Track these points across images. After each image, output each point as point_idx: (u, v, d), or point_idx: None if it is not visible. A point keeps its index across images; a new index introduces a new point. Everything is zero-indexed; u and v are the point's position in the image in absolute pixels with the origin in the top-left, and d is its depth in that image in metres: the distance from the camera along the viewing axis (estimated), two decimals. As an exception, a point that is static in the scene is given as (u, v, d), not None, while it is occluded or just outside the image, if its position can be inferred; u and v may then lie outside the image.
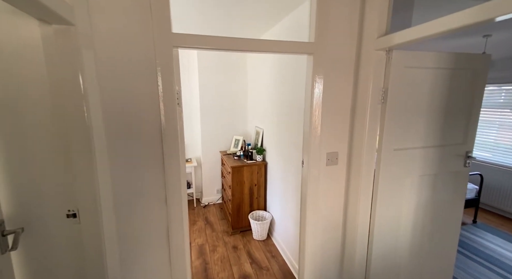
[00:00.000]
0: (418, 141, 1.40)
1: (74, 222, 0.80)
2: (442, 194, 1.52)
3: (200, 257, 2.38)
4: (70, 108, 0.76)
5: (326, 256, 1.50)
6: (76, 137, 0.77)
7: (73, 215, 0.80)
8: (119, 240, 0.99)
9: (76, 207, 0.79)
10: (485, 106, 3.39)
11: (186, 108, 3.54)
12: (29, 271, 0.79)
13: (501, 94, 3.28)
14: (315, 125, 1.36)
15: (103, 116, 0.92)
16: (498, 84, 3.26)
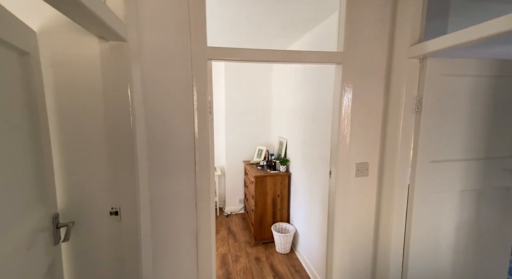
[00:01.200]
0: (458, 153, 1.30)
1: (115, 219, 0.87)
2: (488, 213, 1.37)
3: (223, 266, 2.37)
4: (119, 116, 0.85)
5: (355, 273, 1.42)
6: (122, 142, 0.85)
7: (115, 213, 0.86)
8: (153, 238, 1.04)
9: (119, 206, 0.86)
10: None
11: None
12: (76, 261, 0.86)
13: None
14: (343, 134, 1.34)
15: (145, 124, 1.00)
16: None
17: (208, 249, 1.19)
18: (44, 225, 0.70)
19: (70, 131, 0.83)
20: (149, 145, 1.02)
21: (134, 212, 0.87)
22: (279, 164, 2.95)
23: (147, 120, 1.01)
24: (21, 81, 0.62)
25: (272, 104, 3.61)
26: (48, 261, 0.69)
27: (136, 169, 0.87)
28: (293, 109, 2.80)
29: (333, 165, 1.41)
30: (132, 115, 0.87)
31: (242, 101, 3.51)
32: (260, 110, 3.59)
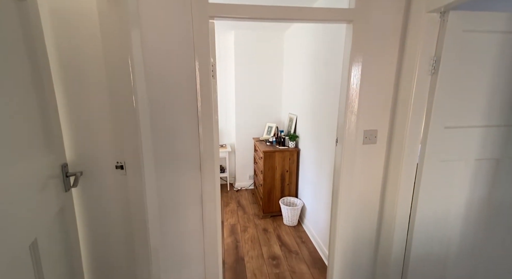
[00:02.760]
0: (476, 119, 1.21)
1: (121, 173, 0.91)
2: (505, 185, 1.30)
3: (231, 235, 2.47)
4: (119, 69, 0.85)
5: (359, 241, 1.43)
6: (123, 97, 0.87)
7: (120, 167, 0.91)
8: (159, 196, 1.09)
9: (123, 160, 0.90)
10: None
11: (222, 96, 3.66)
12: (87, 207, 0.93)
13: None
14: (352, 99, 1.28)
15: (147, 83, 1.00)
16: None
17: (213, 206, 1.23)
18: (54, 173, 0.75)
19: (72, 80, 0.85)
20: (151, 105, 1.03)
21: (138, 167, 0.90)
22: (288, 140, 2.93)
23: (148, 77, 1.01)
24: (20, 27, 0.63)
25: (282, 80, 3.52)
26: (59, 205, 0.75)
27: (138, 126, 0.90)
28: (303, 84, 2.71)
29: (340, 133, 1.38)
30: (132, 73, 0.87)
31: (253, 77, 3.45)
32: (270, 86, 3.52)
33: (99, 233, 0.98)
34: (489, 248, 1.35)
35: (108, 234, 0.99)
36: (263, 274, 1.93)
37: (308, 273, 1.94)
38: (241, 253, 2.19)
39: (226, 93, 3.64)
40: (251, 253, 2.18)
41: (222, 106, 3.68)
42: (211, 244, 1.27)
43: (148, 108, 1.01)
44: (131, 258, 1.00)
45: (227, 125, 3.74)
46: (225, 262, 2.06)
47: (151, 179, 1.01)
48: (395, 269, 1.34)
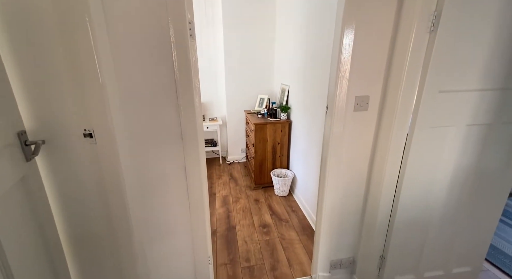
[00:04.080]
0: (472, 83, 1.15)
1: (91, 142, 0.85)
2: (493, 151, 1.29)
3: (223, 206, 2.52)
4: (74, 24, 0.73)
5: (346, 208, 1.44)
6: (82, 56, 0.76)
7: (89, 135, 0.84)
8: (137, 168, 1.04)
9: (91, 127, 0.82)
10: None
11: (211, 67, 3.47)
12: (57, 179, 0.88)
13: None
14: (344, 62, 1.19)
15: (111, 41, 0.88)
16: None
17: (198, 177, 1.20)
18: (8, 141, 0.68)
19: (19, 36, 0.74)
20: (117, 68, 0.92)
21: (110, 136, 0.84)
22: (280, 112, 2.86)
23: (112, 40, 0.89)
24: None
25: (275, 50, 3.32)
26: (19, 174, 0.69)
27: (104, 90, 0.80)
28: (296, 51, 2.55)
29: (330, 99, 1.31)
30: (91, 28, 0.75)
31: (243, 46, 3.23)
32: (262, 56, 3.33)
33: (74, 205, 0.94)
34: (469, 215, 1.39)
35: (84, 206, 0.95)
36: (253, 241, 1.99)
37: (297, 239, 2.02)
38: (233, 222, 2.24)
39: (216, 63, 3.45)
40: (243, 222, 2.24)
41: (211, 77, 3.51)
42: (198, 214, 1.26)
43: (113, 70, 0.90)
44: (112, 228, 0.98)
45: (218, 97, 3.61)
46: (217, 230, 2.12)
47: (125, 149, 0.95)
48: (380, 234, 1.39)
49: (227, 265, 1.74)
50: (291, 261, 1.78)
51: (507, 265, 1.73)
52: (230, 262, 1.77)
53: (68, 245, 0.96)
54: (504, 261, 1.76)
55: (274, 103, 3.08)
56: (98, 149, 0.85)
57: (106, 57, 0.86)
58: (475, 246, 1.46)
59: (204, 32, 3.30)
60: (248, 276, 1.65)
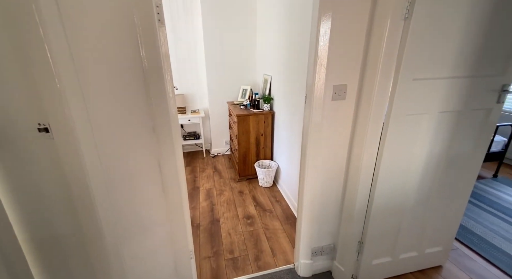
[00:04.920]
0: (444, 70, 1.18)
1: (47, 137, 0.77)
2: (463, 136, 1.34)
3: (207, 199, 2.49)
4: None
5: (326, 195, 1.47)
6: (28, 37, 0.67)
7: (45, 130, 0.77)
8: (105, 164, 0.98)
9: (47, 121, 0.75)
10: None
11: (191, 57, 3.34)
12: (9, 182, 0.81)
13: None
14: (321, 52, 1.17)
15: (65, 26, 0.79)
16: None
17: (174, 172, 1.15)
18: None
19: None
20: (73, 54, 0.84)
21: (68, 129, 0.77)
22: (263, 103, 2.82)
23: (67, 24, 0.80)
24: None
25: (257, 39, 3.24)
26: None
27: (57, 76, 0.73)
28: (277, 42, 2.50)
29: (309, 89, 1.29)
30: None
31: (224, 36, 3.12)
32: (244, 46, 3.24)
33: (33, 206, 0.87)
34: (441, 198, 1.46)
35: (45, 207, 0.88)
36: (237, 232, 2.00)
37: (281, 229, 2.04)
38: (217, 215, 2.23)
39: (196, 53, 3.32)
40: (227, 215, 2.23)
41: (192, 68, 3.38)
42: (176, 209, 1.22)
43: (70, 57, 0.82)
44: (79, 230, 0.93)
45: (199, 89, 3.50)
46: (201, 224, 2.10)
47: (89, 144, 0.88)
48: (358, 220, 1.42)
49: (210, 258, 1.73)
50: (274, 251, 1.80)
51: (475, 243, 1.85)
52: (213, 255, 1.76)
53: (30, 249, 0.89)
54: (472, 240, 1.89)
55: (257, 94, 3.04)
56: (57, 145, 0.78)
57: (59, 42, 0.78)
58: (446, 227, 1.55)
59: (181, 21, 3.14)
60: (232, 267, 1.65)
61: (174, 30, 3.16)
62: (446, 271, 1.62)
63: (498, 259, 1.70)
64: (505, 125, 2.73)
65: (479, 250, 1.78)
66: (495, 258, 1.71)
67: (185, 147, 3.74)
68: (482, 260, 1.70)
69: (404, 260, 1.56)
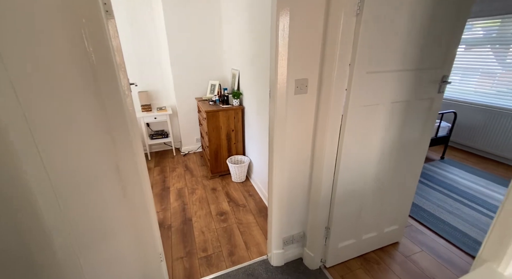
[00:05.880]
0: (393, 63, 1.28)
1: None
2: (412, 124, 1.48)
3: (178, 199, 2.42)
4: None
5: (293, 185, 1.52)
6: None
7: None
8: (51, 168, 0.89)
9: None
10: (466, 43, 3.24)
11: (154, 52, 3.17)
12: None
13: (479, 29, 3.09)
14: (281, 47, 1.19)
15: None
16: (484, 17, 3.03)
17: (137, 180, 1.10)
18: None
19: None
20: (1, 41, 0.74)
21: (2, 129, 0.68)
22: (232, 98, 2.80)
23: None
24: None
25: (223, 33, 3.17)
26: None
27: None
28: (242, 36, 2.48)
29: (272, 84, 1.31)
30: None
31: (188, 29, 3.00)
32: (210, 39, 3.15)
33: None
34: (395, 181, 1.60)
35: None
36: (211, 230, 1.98)
37: (254, 222, 2.08)
38: (189, 214, 2.18)
39: (159, 48, 3.15)
40: (199, 213, 2.20)
41: (155, 64, 3.21)
42: (141, 211, 1.17)
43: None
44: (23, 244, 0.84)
45: (165, 85, 3.35)
46: (172, 225, 2.04)
47: (28, 148, 0.80)
48: (324, 207, 1.50)
49: (183, 259, 1.70)
50: (248, 244, 1.83)
51: (426, 219, 2.08)
52: (186, 255, 1.73)
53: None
54: (424, 216, 2.11)
55: (226, 89, 3.00)
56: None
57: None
58: (401, 206, 1.71)
59: (140, 14, 2.95)
60: (206, 265, 1.64)
61: (132, 24, 2.95)
62: (402, 246, 1.79)
63: (444, 231, 1.93)
64: (449, 112, 3.08)
65: (429, 225, 2.00)
66: (442, 230, 1.94)
67: (153, 146, 3.57)
68: (431, 233, 1.92)
69: (366, 240, 1.70)
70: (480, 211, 2.16)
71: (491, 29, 3.05)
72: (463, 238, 1.86)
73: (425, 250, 1.76)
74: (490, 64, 3.08)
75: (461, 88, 3.40)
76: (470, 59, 3.27)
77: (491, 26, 3.05)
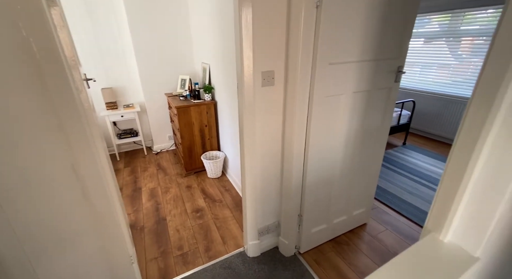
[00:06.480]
0: (354, 54, 1.33)
1: None
2: (373, 112, 1.57)
3: (151, 199, 2.34)
4: None
5: (266, 177, 1.54)
6: None
7: None
8: None
9: None
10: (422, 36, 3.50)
11: (118, 47, 2.97)
12: None
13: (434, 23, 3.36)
14: (247, 40, 1.18)
15: None
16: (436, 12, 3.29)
17: (99, 182, 1.03)
18: None
19: None
20: None
21: None
22: (203, 93, 2.74)
23: None
24: None
25: (190, 23, 3.06)
26: None
27: None
28: (211, 29, 2.41)
29: (239, 76, 1.30)
30: None
31: (153, 22, 2.85)
32: (178, 32, 3.02)
33: None
34: (360, 166, 1.70)
35: None
36: (186, 227, 1.95)
37: (231, 216, 2.08)
38: (163, 214, 2.12)
39: (123, 43, 2.95)
40: (174, 212, 2.15)
41: (119, 59, 3.01)
42: (105, 214, 1.11)
43: None
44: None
45: (131, 81, 3.16)
46: (145, 226, 1.97)
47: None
48: (296, 195, 1.55)
49: (157, 259, 1.65)
50: (225, 238, 1.83)
51: (390, 200, 2.25)
52: (161, 254, 1.69)
53: None
54: (388, 198, 2.28)
55: (197, 83, 2.92)
56: None
57: None
58: (367, 190, 1.83)
59: (101, 4, 2.73)
60: (182, 263, 1.62)
61: (91, 15, 2.73)
62: (369, 227, 1.93)
63: (405, 210, 2.11)
64: (408, 101, 3.32)
65: (393, 205, 2.17)
66: (403, 209, 2.12)
67: (122, 146, 3.39)
68: (394, 213, 2.09)
69: (337, 224, 1.79)
70: (435, 190, 2.38)
71: (444, 23, 3.32)
72: (421, 215, 2.05)
73: (389, 229, 1.90)
74: (446, 56, 3.36)
75: (422, 79, 3.67)
76: (429, 51, 3.53)
77: (443, 20, 3.32)
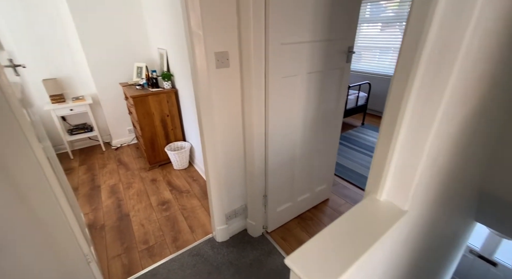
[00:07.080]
0: (305, 35, 1.35)
1: None
2: (328, 93, 1.63)
3: (112, 196, 2.20)
4: None
5: (229, 161, 1.54)
6: None
7: None
8: None
9: None
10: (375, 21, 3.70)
11: (58, 33, 2.63)
12: None
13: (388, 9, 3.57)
14: (194, 18, 1.12)
15: None
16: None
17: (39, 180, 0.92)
18: None
19: None
20: None
21: None
22: (162, 81, 2.58)
23: None
24: None
25: (142, 5, 2.82)
26: None
27: None
28: (163, 8, 2.25)
29: (191, 58, 1.24)
30: None
31: (98, 5, 2.55)
32: (129, 16, 2.77)
33: None
34: (320, 145, 1.78)
35: None
36: (151, 221, 1.88)
37: (199, 205, 2.06)
38: (125, 210, 2.02)
39: (66, 29, 2.61)
40: (138, 207, 2.05)
41: (62, 47, 2.68)
42: (49, 214, 1.01)
43: None
44: None
45: (79, 71, 2.85)
46: (105, 224, 1.86)
47: None
48: (259, 177, 1.58)
49: (121, 255, 1.58)
50: (193, 227, 1.81)
51: (349, 175, 2.42)
52: (124, 251, 1.61)
53: None
54: (347, 173, 2.45)
55: (155, 71, 2.74)
56: None
57: None
58: (327, 167, 1.94)
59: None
60: (148, 256, 1.57)
61: None
62: (331, 202, 2.06)
63: (362, 183, 2.30)
64: (364, 83, 3.54)
65: (352, 180, 2.34)
66: (360, 183, 2.30)
67: (75, 143, 3.09)
68: (353, 186, 2.26)
69: (301, 202, 1.88)
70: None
71: (394, 10, 3.53)
72: (377, 187, 2.24)
73: (348, 202, 2.06)
74: (399, 40, 3.60)
75: (379, 63, 3.91)
76: (385, 36, 3.74)
77: (393, 7, 3.54)
